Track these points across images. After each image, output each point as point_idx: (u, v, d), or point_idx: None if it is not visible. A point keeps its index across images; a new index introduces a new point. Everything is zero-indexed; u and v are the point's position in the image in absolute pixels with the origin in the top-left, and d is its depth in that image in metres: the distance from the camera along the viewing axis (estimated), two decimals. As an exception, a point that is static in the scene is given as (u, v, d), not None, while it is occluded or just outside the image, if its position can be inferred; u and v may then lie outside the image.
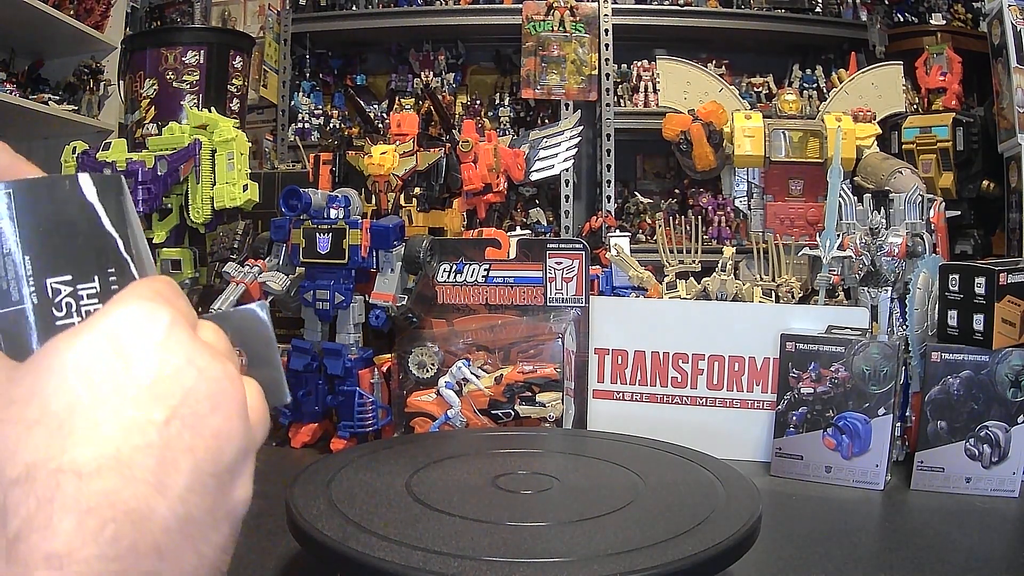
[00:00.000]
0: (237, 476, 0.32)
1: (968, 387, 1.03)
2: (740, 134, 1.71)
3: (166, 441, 0.29)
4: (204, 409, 0.30)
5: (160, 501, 0.28)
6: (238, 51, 2.87)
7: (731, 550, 0.66)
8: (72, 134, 2.74)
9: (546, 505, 0.77)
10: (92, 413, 0.28)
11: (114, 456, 0.28)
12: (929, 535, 0.94)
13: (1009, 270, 1.05)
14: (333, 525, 0.67)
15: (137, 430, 0.28)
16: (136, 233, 0.35)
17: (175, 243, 1.36)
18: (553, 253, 1.21)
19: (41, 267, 0.31)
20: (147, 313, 0.31)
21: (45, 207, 0.32)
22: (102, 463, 0.27)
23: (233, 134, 1.32)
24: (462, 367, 1.16)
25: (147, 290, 0.32)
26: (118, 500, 0.27)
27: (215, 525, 0.30)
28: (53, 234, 0.32)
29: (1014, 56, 2.32)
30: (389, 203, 1.36)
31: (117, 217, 0.34)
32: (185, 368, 0.30)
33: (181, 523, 0.29)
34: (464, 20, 3.29)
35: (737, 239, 2.77)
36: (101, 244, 0.33)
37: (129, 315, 0.30)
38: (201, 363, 0.31)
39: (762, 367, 1.15)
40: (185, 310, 0.33)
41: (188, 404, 0.30)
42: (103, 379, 0.29)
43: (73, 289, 0.32)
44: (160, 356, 0.30)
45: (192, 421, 0.30)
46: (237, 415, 0.32)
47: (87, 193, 0.33)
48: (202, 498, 0.30)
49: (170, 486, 0.29)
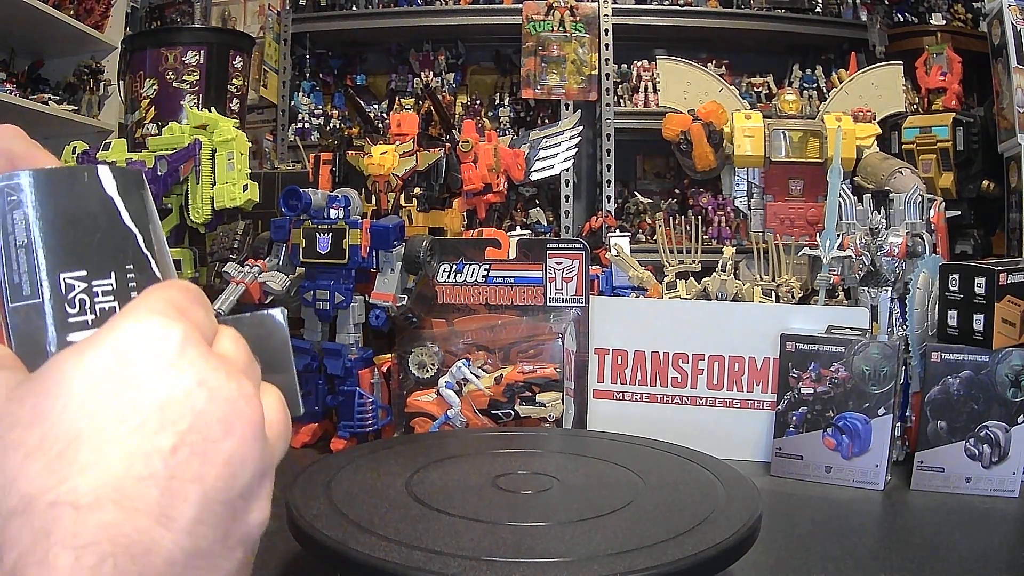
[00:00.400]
0: (252, 500, 0.30)
1: (968, 387, 1.03)
2: (740, 134, 1.71)
3: (172, 471, 0.27)
4: (216, 434, 0.29)
5: (164, 534, 0.27)
6: (238, 51, 2.87)
7: (731, 550, 0.66)
8: (72, 134, 2.74)
9: (546, 505, 0.77)
10: (94, 441, 0.27)
11: (115, 487, 0.26)
12: (929, 535, 0.94)
13: (1009, 270, 1.05)
14: (333, 525, 0.67)
15: (141, 459, 0.27)
16: (157, 229, 0.34)
17: (175, 243, 1.36)
18: (553, 253, 1.21)
19: (55, 261, 0.30)
20: (158, 330, 0.29)
21: (63, 199, 0.31)
22: (101, 494, 0.26)
23: (233, 134, 1.32)
24: (462, 367, 1.16)
25: (160, 302, 0.30)
26: (118, 534, 0.26)
27: (226, 553, 0.29)
28: (69, 227, 0.30)
29: (1014, 56, 2.32)
30: (389, 203, 1.36)
31: (137, 212, 0.33)
32: (196, 390, 0.29)
33: (188, 556, 0.27)
34: (464, 20, 3.29)
35: (737, 239, 2.77)
36: (120, 239, 0.32)
37: (139, 332, 0.29)
38: (214, 383, 0.29)
39: (762, 367, 1.15)
40: (202, 319, 0.31)
41: (198, 429, 0.28)
42: (107, 404, 0.27)
43: (88, 285, 0.31)
44: (169, 378, 0.28)
45: (202, 448, 0.28)
46: (252, 437, 0.30)
47: (107, 186, 0.32)
48: (212, 528, 0.28)
49: (175, 518, 0.27)
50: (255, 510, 0.30)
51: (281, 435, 0.33)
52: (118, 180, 0.32)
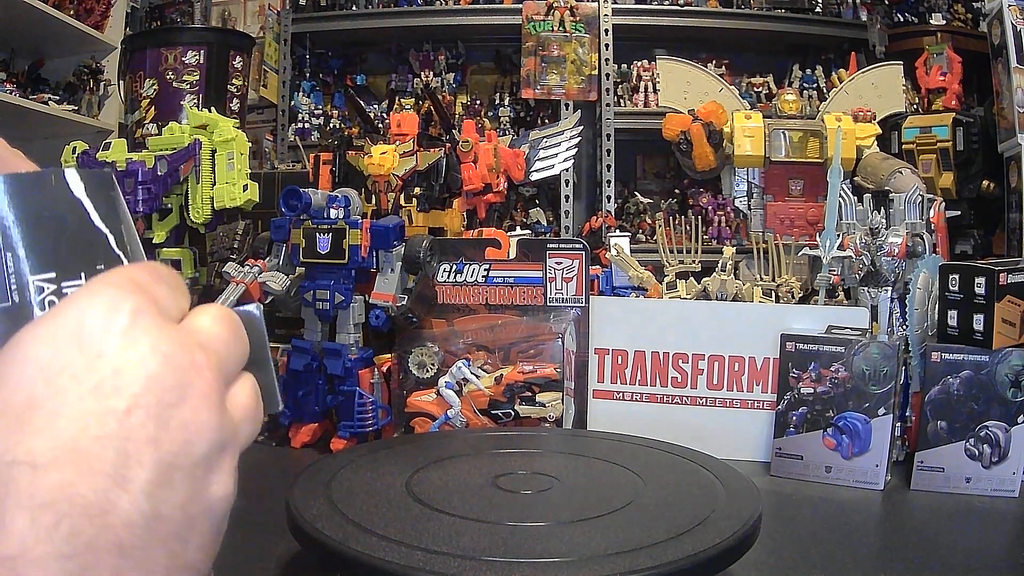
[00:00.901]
0: (212, 471, 0.30)
1: (968, 387, 1.03)
2: (740, 134, 1.71)
3: (127, 432, 0.28)
4: (170, 399, 0.29)
5: (121, 495, 0.27)
6: (238, 51, 2.87)
7: (731, 550, 0.66)
8: (72, 134, 2.74)
9: (546, 505, 0.77)
10: (50, 404, 0.27)
11: (71, 448, 0.27)
12: (929, 535, 0.94)
13: (1009, 270, 1.05)
14: (333, 525, 0.67)
15: (96, 420, 0.27)
16: (129, 228, 0.34)
17: (175, 243, 1.36)
18: (553, 253, 1.21)
19: (24, 265, 0.30)
20: (111, 301, 0.29)
21: (30, 203, 0.31)
22: (58, 454, 0.26)
23: (233, 134, 1.32)
24: (462, 367, 1.16)
25: (120, 277, 0.30)
26: (75, 494, 0.26)
27: (190, 523, 0.29)
28: (37, 231, 0.31)
29: (1014, 56, 2.32)
30: (389, 203, 1.36)
31: (108, 213, 0.33)
32: (149, 356, 0.29)
33: (147, 519, 0.28)
34: (464, 20, 3.29)
35: (737, 239, 2.76)
36: (90, 240, 0.32)
37: (92, 304, 0.29)
38: (168, 350, 0.29)
39: (762, 367, 1.15)
40: (164, 295, 0.31)
41: (152, 392, 0.28)
42: (63, 369, 0.28)
43: (57, 287, 0.31)
44: (122, 344, 0.29)
45: (156, 411, 0.28)
46: (207, 407, 0.30)
47: (75, 189, 0.32)
48: (170, 493, 0.28)
49: (132, 479, 0.27)
50: (216, 483, 0.30)
51: (248, 418, 0.33)
52: (86, 182, 0.32)
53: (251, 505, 0.93)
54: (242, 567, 0.78)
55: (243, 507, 0.35)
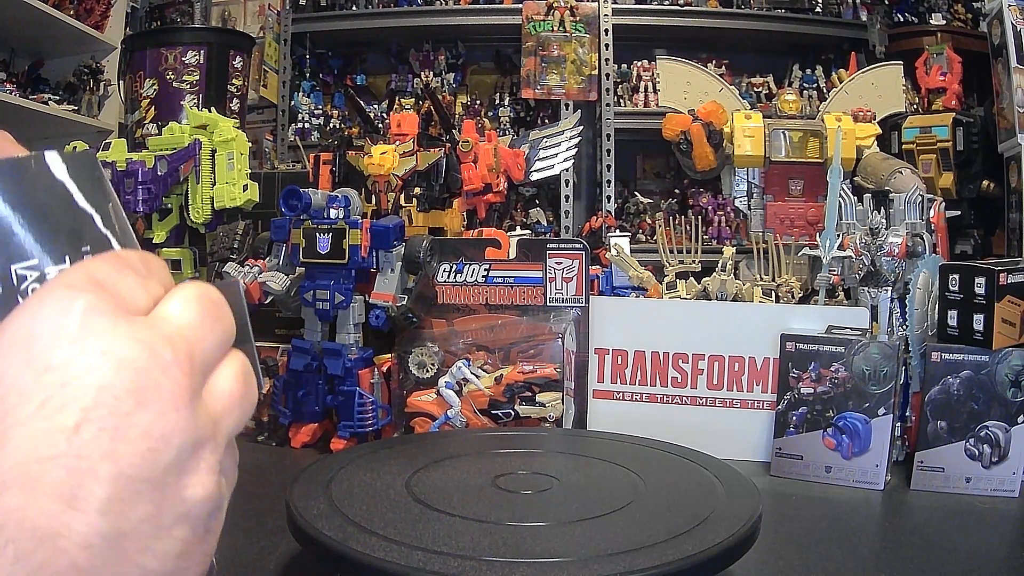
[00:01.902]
0: (186, 474, 0.28)
1: (968, 387, 1.03)
2: (740, 134, 1.71)
3: (77, 449, 0.26)
4: (126, 407, 0.27)
5: (76, 516, 0.26)
6: (238, 51, 2.87)
7: (731, 550, 0.66)
8: (72, 134, 2.75)
9: (546, 505, 0.77)
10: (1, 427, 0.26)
11: (20, 471, 0.25)
12: (929, 535, 0.94)
13: (1009, 270, 1.05)
14: (333, 525, 0.67)
15: (44, 440, 0.26)
16: (116, 208, 0.33)
17: (175, 243, 1.36)
18: (553, 253, 1.21)
19: (5, 254, 0.29)
20: (60, 303, 0.27)
21: (10, 188, 0.30)
22: (5, 479, 0.25)
23: (233, 134, 1.32)
24: (462, 367, 1.16)
25: (76, 275, 0.28)
26: (23, 518, 0.25)
27: (160, 534, 0.27)
28: (17, 218, 0.30)
29: (1014, 56, 2.32)
30: (389, 203, 1.36)
31: (92, 193, 0.32)
32: (99, 362, 0.27)
33: (107, 539, 0.26)
34: (464, 20, 3.29)
35: (737, 239, 2.76)
36: (75, 222, 0.31)
37: (42, 308, 0.27)
38: (121, 353, 0.27)
39: (762, 367, 1.15)
40: (128, 287, 0.29)
41: (104, 404, 0.26)
42: (10, 389, 0.26)
43: (40, 273, 0.30)
44: (70, 353, 0.27)
45: (112, 423, 0.26)
46: (174, 408, 0.28)
47: (56, 172, 0.31)
48: (133, 507, 0.27)
49: (84, 499, 0.26)
50: (193, 485, 0.28)
51: (233, 405, 0.31)
52: (68, 164, 0.31)
53: (251, 505, 0.93)
54: (242, 567, 0.78)
55: (243, 507, 0.34)
